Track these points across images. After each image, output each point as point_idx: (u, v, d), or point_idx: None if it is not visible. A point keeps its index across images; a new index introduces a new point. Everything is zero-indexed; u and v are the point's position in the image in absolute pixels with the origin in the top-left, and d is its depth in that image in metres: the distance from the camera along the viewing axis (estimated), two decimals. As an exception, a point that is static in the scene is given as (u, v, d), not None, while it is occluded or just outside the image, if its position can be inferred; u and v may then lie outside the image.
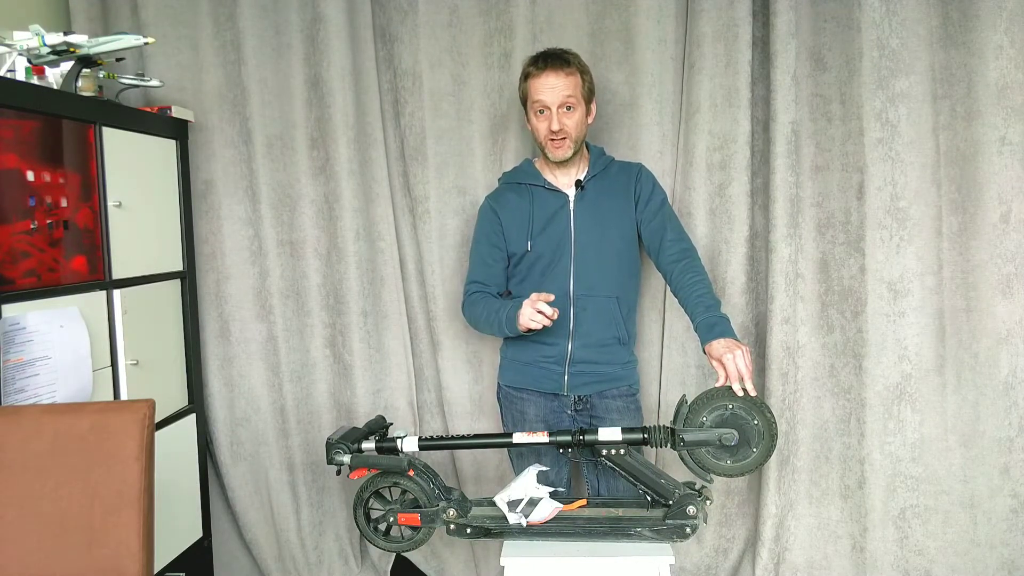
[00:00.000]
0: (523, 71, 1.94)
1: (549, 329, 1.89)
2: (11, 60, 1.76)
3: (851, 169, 2.14)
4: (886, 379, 2.15)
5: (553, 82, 1.87)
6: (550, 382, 1.99)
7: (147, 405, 1.44)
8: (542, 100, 1.88)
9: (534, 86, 1.90)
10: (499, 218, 2.01)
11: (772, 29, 2.12)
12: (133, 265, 1.97)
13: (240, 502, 2.43)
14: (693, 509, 1.65)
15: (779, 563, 2.27)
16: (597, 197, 1.97)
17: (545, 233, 1.96)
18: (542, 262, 1.96)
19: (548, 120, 1.89)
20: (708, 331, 1.74)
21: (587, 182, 1.97)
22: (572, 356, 1.96)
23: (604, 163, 2.01)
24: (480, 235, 2.05)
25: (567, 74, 1.88)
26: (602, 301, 1.95)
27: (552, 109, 1.88)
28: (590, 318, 1.95)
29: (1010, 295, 2.07)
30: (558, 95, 1.87)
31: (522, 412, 2.03)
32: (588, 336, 1.95)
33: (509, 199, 2.02)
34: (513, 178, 2.05)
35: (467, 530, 1.72)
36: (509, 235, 1.99)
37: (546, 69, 1.88)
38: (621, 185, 1.99)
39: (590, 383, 1.98)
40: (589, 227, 1.95)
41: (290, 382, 2.39)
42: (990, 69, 2.03)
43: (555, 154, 1.92)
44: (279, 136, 2.32)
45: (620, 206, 1.97)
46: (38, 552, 1.39)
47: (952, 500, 2.16)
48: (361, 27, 2.27)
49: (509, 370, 2.06)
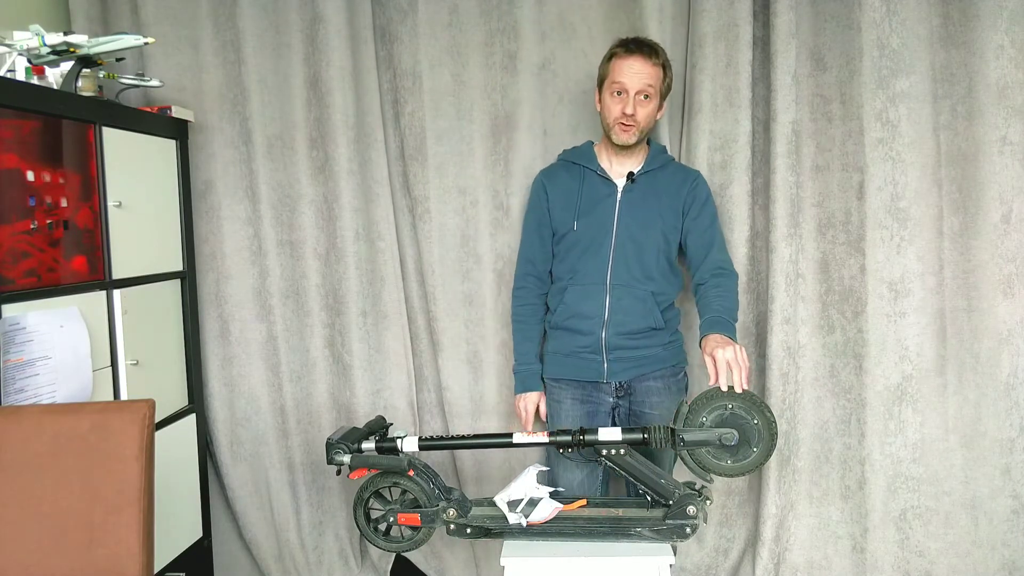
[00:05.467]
0: (609, 52, 1.96)
1: (585, 317, 1.97)
2: (11, 60, 1.76)
3: (851, 169, 2.14)
4: (887, 379, 2.15)
5: (639, 68, 1.89)
6: (591, 371, 1.99)
7: (147, 405, 1.44)
8: (623, 83, 1.90)
9: (617, 67, 1.91)
10: (547, 193, 2.05)
11: (772, 29, 2.12)
12: (133, 265, 1.97)
13: (240, 502, 2.43)
14: (693, 509, 1.65)
15: (779, 563, 2.27)
16: (646, 192, 1.98)
17: (589, 216, 1.97)
18: (580, 245, 1.98)
19: (623, 103, 1.90)
20: (709, 327, 1.76)
21: (639, 175, 1.98)
22: (608, 343, 1.96)
23: (662, 161, 2.02)
24: (531, 211, 2.10)
25: (653, 64, 1.90)
26: (638, 292, 1.96)
27: (630, 93, 1.89)
28: (625, 307, 1.96)
29: (1011, 295, 2.07)
30: (640, 81, 1.89)
31: (559, 403, 2.05)
32: (622, 325, 1.96)
33: (560, 176, 2.05)
34: (569, 156, 2.08)
35: (467, 530, 1.72)
36: (554, 212, 2.02)
37: (635, 53, 1.89)
38: (675, 186, 2.00)
39: (630, 368, 1.98)
40: (633, 220, 1.96)
41: (290, 382, 2.39)
42: (990, 69, 2.03)
43: (620, 137, 1.93)
44: (279, 136, 2.32)
45: (668, 206, 1.98)
46: (38, 552, 1.39)
47: (953, 501, 2.16)
48: (361, 27, 2.27)
49: (551, 363, 2.08)
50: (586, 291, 1.97)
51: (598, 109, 2.00)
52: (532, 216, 2.09)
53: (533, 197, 2.11)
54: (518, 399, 2.12)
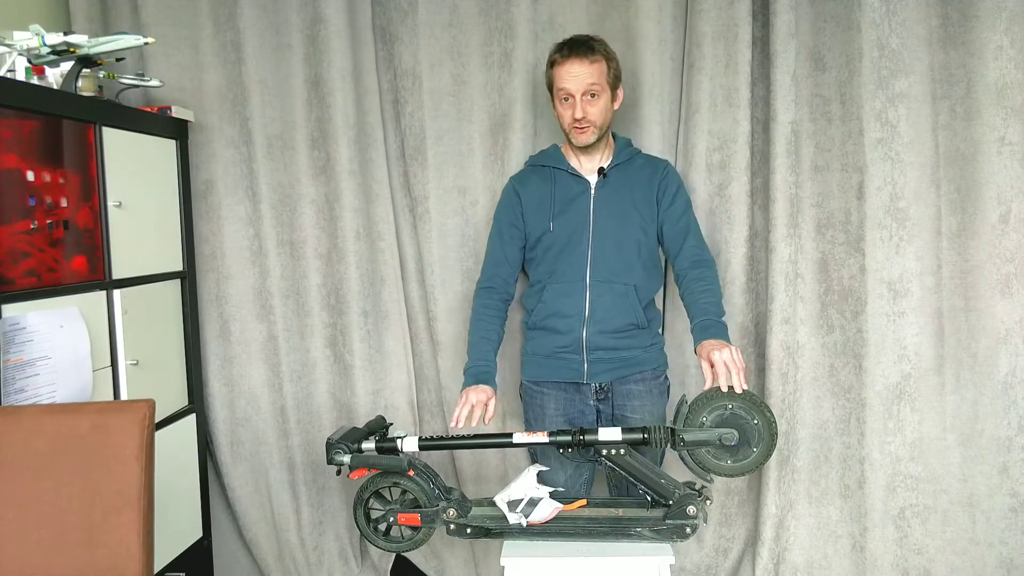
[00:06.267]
0: (549, 58, 1.94)
1: (565, 315, 1.94)
2: (11, 60, 1.76)
3: (851, 169, 2.14)
4: (886, 379, 2.15)
5: (577, 70, 1.87)
6: (570, 371, 1.98)
7: (147, 405, 1.44)
8: (566, 88, 1.89)
9: (559, 73, 1.90)
10: (519, 198, 2.02)
11: (772, 29, 2.12)
12: (133, 265, 1.97)
13: (240, 502, 2.43)
14: (693, 509, 1.65)
15: (779, 563, 2.27)
16: (619, 186, 1.97)
17: (564, 216, 1.96)
18: (558, 245, 1.96)
19: (572, 107, 1.90)
20: (702, 332, 1.76)
21: (609, 170, 1.97)
22: (588, 343, 1.95)
23: (629, 154, 2.02)
24: (501, 214, 2.07)
25: (591, 61, 1.88)
26: (619, 288, 1.95)
27: (576, 97, 1.88)
28: (606, 304, 1.94)
29: (1009, 295, 2.07)
30: (582, 83, 1.87)
31: (542, 407, 2.02)
32: (603, 323, 1.94)
33: (532, 180, 2.04)
34: (538, 160, 2.07)
35: (467, 530, 1.72)
36: (528, 216, 2.01)
37: (571, 56, 1.88)
38: (645, 178, 1.99)
39: (611, 370, 1.97)
40: (608, 214, 1.95)
41: (290, 382, 2.39)
42: (990, 69, 2.03)
43: (579, 139, 1.93)
44: (279, 136, 2.32)
45: (642, 198, 1.97)
46: (38, 552, 1.39)
47: (951, 499, 2.16)
48: (361, 27, 2.27)
49: (530, 364, 2.05)
50: (565, 289, 1.96)
51: (555, 115, 1.99)
52: (503, 221, 2.05)
53: (504, 202, 2.07)
54: (467, 391, 1.86)
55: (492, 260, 2.06)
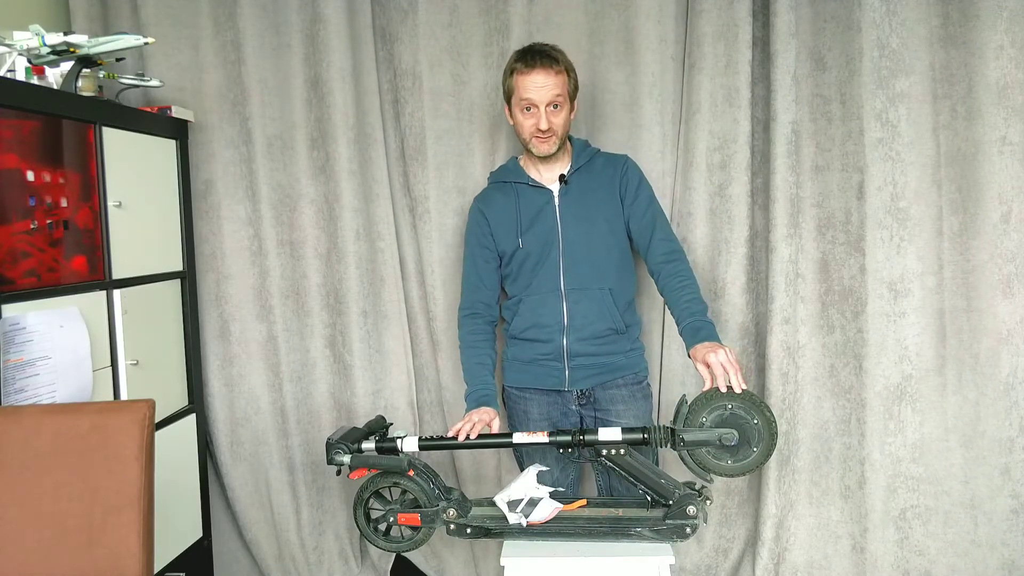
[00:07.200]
0: (508, 67, 1.91)
1: (544, 326, 1.94)
2: (11, 60, 1.76)
3: (851, 169, 2.14)
4: (886, 379, 2.15)
5: (542, 81, 1.85)
6: (552, 378, 1.98)
7: (147, 405, 1.44)
8: (530, 98, 1.86)
9: (521, 83, 1.87)
10: (486, 219, 2.01)
11: (772, 29, 2.12)
12: (133, 265, 1.97)
13: (240, 502, 2.43)
14: (693, 509, 1.65)
15: (779, 563, 2.27)
16: (582, 191, 1.96)
17: (532, 230, 1.95)
18: (531, 259, 1.96)
19: (535, 118, 1.87)
20: (693, 335, 1.75)
21: (570, 176, 1.96)
22: (569, 351, 1.95)
23: (588, 155, 2.00)
24: (470, 237, 2.06)
25: (556, 72, 1.86)
26: (595, 294, 1.94)
27: (540, 107, 1.86)
28: (583, 311, 1.94)
29: (1011, 295, 2.07)
30: (547, 94, 1.85)
31: (525, 412, 2.03)
32: (582, 330, 1.94)
33: (495, 199, 2.02)
34: (499, 177, 2.06)
35: (467, 530, 1.72)
36: (497, 234, 2.00)
37: (535, 67, 1.85)
38: (607, 178, 1.98)
39: (592, 376, 1.97)
40: (575, 221, 1.95)
41: (290, 382, 2.39)
42: (990, 69, 2.02)
43: (540, 149, 1.91)
44: (279, 136, 2.32)
45: (606, 198, 1.96)
46: (38, 552, 1.39)
47: (952, 500, 2.16)
48: (361, 27, 2.27)
49: (511, 370, 2.05)
50: (541, 300, 1.95)
51: (510, 123, 1.97)
52: (473, 244, 2.03)
53: (472, 224, 2.05)
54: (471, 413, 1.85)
55: (470, 286, 2.04)
